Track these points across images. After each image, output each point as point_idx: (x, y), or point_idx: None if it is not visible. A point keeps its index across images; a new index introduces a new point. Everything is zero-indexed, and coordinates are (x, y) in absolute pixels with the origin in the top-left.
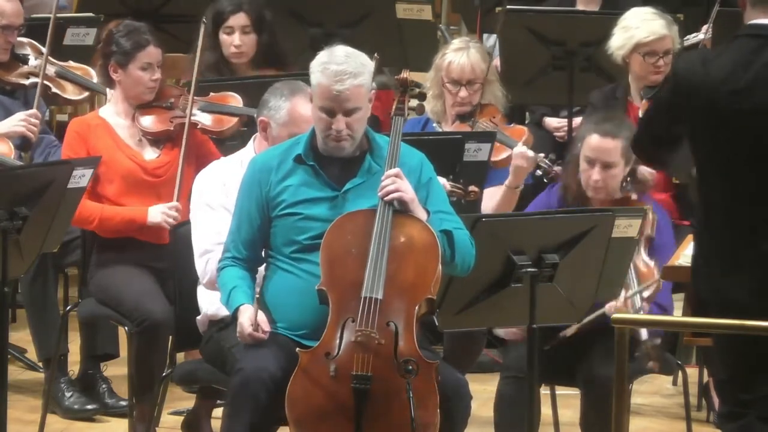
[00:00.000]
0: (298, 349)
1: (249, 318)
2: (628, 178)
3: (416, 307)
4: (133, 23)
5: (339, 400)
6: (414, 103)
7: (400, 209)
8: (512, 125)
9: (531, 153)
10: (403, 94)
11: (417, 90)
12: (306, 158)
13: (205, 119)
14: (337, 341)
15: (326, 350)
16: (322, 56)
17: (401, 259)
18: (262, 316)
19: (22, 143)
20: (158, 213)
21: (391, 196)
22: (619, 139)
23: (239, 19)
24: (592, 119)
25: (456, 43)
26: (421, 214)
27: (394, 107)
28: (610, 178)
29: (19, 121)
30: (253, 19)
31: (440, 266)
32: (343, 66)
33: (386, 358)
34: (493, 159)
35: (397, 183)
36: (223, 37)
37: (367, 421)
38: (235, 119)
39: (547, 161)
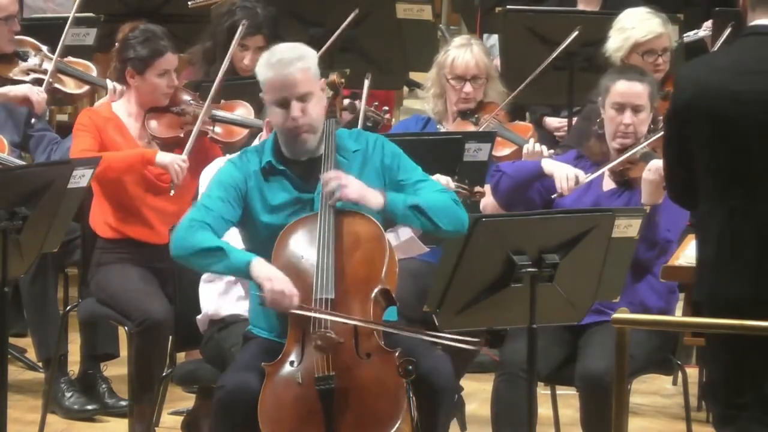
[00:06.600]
0: (263, 363)
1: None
2: (652, 126)
3: (370, 300)
4: (150, 28)
5: (308, 405)
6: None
7: (349, 207)
8: (515, 122)
9: (545, 150)
10: (335, 96)
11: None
12: (276, 164)
13: (216, 129)
14: (299, 348)
15: (289, 359)
16: (263, 56)
17: (347, 255)
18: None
19: (27, 114)
20: (168, 155)
21: (336, 196)
22: (645, 83)
23: (257, 41)
24: (613, 71)
25: (458, 40)
26: (375, 202)
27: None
28: (639, 123)
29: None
30: (269, 40)
31: (389, 256)
32: (286, 54)
33: (347, 355)
34: (496, 153)
35: (340, 180)
36: (236, 50)
37: (337, 419)
38: (245, 131)
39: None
